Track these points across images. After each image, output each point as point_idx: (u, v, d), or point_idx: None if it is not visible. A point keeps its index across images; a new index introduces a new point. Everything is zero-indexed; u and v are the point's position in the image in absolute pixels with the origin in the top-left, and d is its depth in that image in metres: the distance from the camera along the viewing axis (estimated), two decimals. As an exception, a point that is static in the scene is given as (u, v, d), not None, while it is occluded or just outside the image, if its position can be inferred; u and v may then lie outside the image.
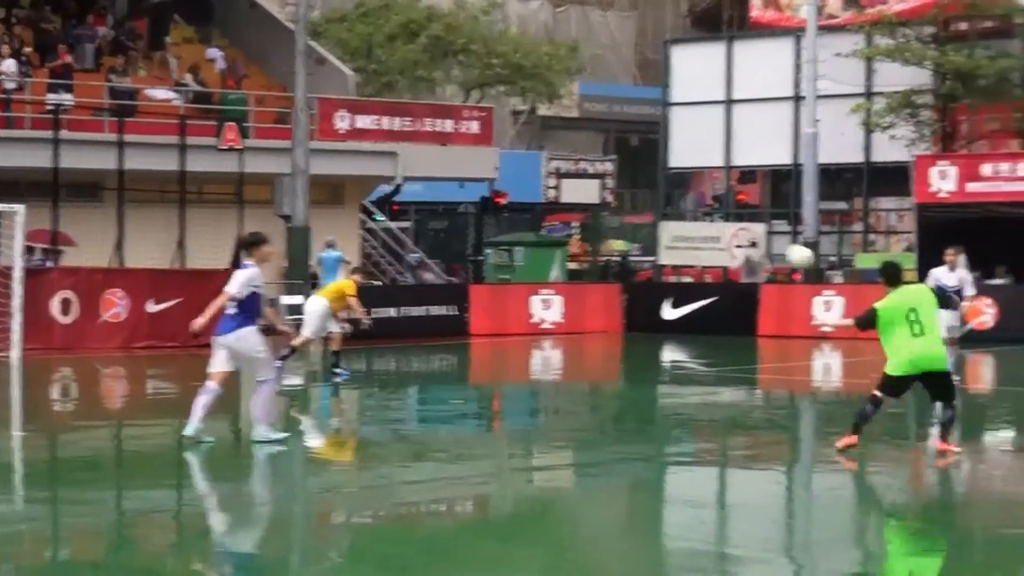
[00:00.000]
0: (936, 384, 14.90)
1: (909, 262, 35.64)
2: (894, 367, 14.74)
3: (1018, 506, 13.96)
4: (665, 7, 64.01)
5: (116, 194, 33.15)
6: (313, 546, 11.96)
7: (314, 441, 18.90)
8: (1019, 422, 21.01)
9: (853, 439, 14.96)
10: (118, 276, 30.77)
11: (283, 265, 34.12)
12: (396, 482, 14.96)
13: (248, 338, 15.42)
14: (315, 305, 23.48)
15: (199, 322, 15.20)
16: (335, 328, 23.53)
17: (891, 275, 15.17)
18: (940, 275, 20.76)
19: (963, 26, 42.60)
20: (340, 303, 22.69)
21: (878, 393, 14.98)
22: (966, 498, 14.67)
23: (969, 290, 21.53)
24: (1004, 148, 39.99)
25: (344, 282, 23.47)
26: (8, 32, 36.22)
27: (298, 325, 25.74)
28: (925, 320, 14.65)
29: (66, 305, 28.23)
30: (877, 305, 14.93)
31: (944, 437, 15.26)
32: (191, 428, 15.27)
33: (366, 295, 26.19)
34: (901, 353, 14.60)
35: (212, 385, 15.35)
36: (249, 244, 16.02)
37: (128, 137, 33.18)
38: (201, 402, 15.31)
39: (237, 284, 15.12)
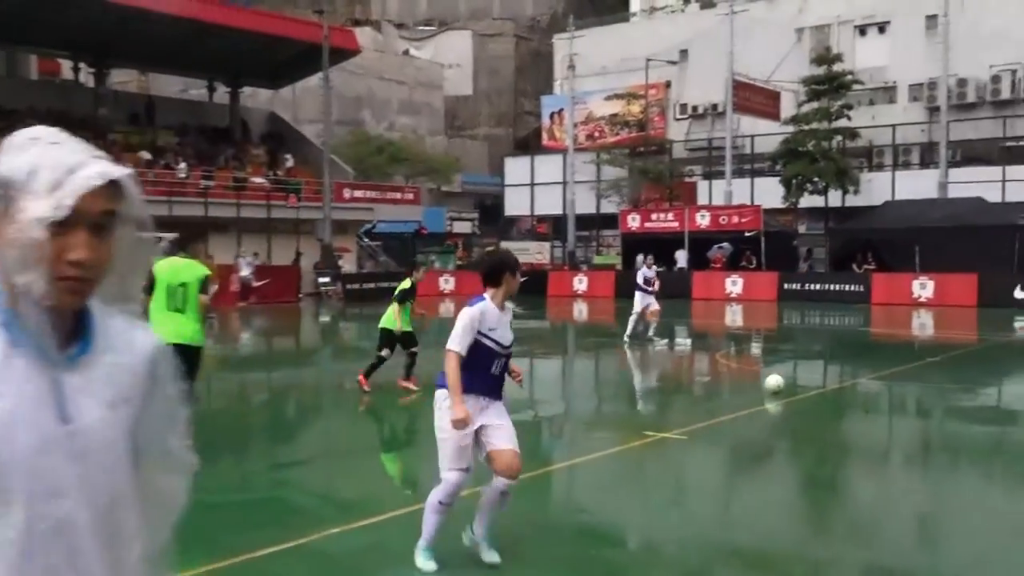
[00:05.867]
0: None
1: (618, 260, 38.91)
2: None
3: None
4: (501, 138, 66.63)
5: (236, 229, 33.52)
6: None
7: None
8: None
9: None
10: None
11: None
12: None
13: None
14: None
15: None
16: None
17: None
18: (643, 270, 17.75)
19: (642, 149, 45.66)
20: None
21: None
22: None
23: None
24: (662, 206, 41.47)
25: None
26: (182, 150, 36.82)
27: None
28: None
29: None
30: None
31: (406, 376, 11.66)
32: None
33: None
34: None
35: None
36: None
37: (242, 200, 33.86)
38: None
39: None
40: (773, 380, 11.72)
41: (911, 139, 41.60)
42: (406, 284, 11.87)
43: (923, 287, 30.04)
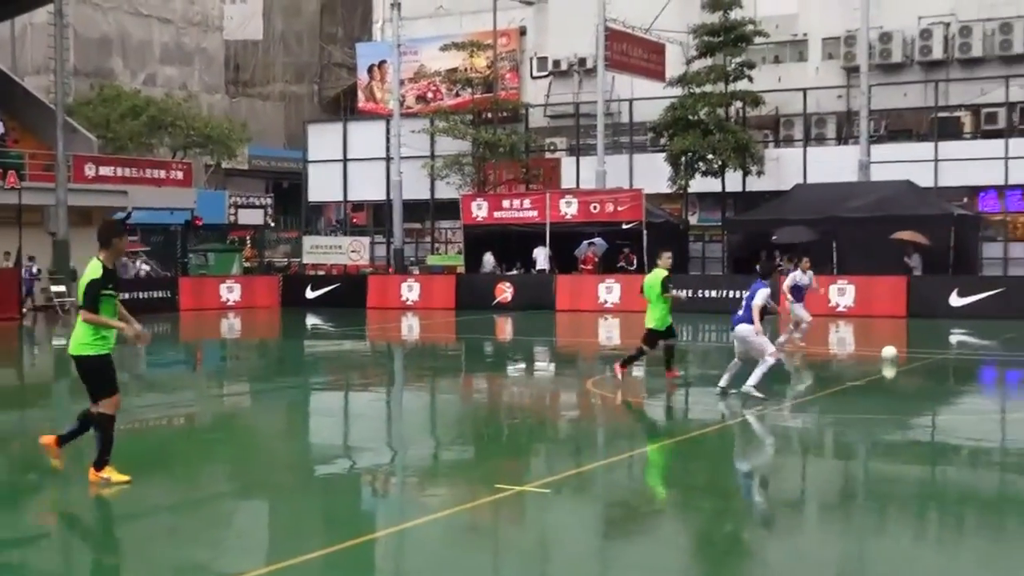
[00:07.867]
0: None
1: (460, 261, 39.93)
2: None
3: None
4: (303, 99, 66.72)
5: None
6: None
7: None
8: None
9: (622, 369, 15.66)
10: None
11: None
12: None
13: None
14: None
15: None
16: None
17: None
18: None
19: (489, 115, 45.45)
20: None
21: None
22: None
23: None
24: (514, 191, 42.56)
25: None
26: None
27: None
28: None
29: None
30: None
31: (669, 366, 15.93)
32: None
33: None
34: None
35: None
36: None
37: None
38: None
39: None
40: (889, 351, 18.49)
41: (826, 107, 43.59)
42: (665, 272, 15.48)
43: (842, 293, 31.53)
